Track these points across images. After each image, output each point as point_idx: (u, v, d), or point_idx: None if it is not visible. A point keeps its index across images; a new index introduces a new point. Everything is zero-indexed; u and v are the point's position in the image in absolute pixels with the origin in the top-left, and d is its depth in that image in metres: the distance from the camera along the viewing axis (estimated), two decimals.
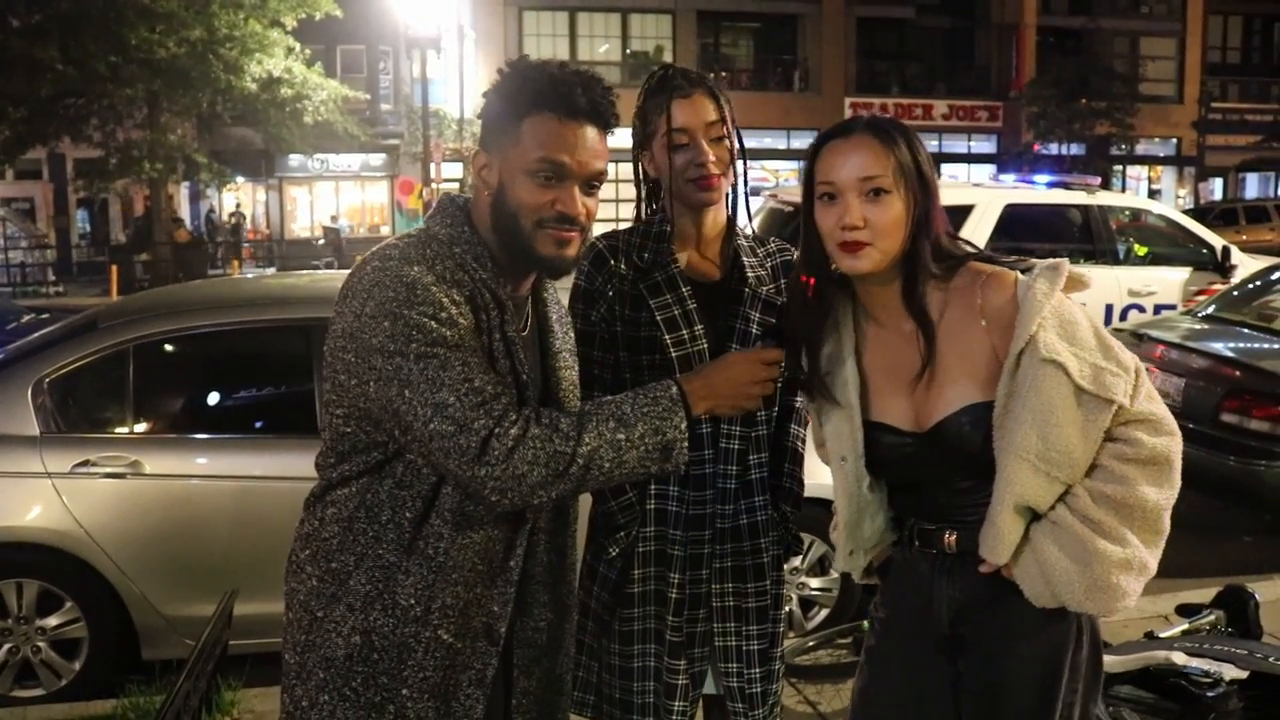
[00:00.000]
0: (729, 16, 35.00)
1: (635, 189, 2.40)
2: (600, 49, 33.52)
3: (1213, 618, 3.73)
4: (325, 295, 4.43)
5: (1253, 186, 41.42)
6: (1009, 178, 12.30)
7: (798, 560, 4.35)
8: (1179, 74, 38.67)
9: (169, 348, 4.46)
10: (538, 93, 1.82)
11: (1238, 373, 5.94)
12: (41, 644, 4.16)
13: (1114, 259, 9.11)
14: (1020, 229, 8.80)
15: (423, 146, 24.89)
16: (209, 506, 4.18)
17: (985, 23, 37.12)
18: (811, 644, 4.21)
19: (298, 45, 22.01)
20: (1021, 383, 1.84)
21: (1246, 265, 8.95)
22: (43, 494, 4.07)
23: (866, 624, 2.25)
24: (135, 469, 4.11)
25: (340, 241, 28.93)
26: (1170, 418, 1.93)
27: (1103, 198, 9.45)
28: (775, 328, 2.08)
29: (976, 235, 8.28)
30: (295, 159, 30.04)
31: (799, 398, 2.37)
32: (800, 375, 2.06)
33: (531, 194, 1.82)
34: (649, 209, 2.40)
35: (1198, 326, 6.83)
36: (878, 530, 2.12)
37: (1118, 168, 37.14)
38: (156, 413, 4.45)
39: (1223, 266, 9.01)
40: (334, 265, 24.65)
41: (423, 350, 1.71)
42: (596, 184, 1.88)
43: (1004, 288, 1.89)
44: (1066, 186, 9.54)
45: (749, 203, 2.47)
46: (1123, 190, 33.55)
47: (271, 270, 26.43)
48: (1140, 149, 36.88)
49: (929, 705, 2.04)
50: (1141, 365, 1.93)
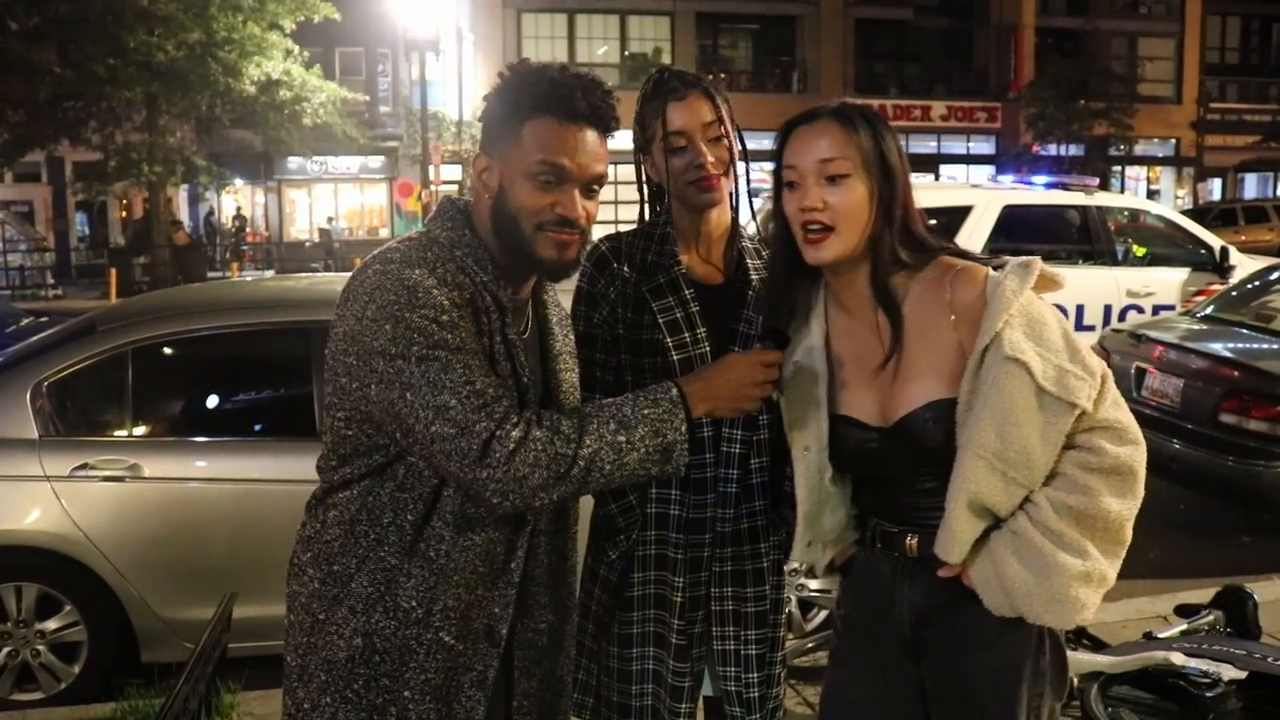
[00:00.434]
0: (727, 18, 35.03)
1: (638, 193, 2.40)
2: (599, 51, 33.55)
3: (1211, 618, 3.73)
4: (324, 298, 4.43)
5: (1251, 187, 41.45)
6: (1007, 179, 12.34)
7: (797, 562, 4.34)
8: (1177, 75, 38.71)
9: (168, 351, 4.46)
10: (538, 96, 1.82)
11: (1236, 373, 5.93)
12: (41, 647, 4.15)
13: (1112, 260, 9.12)
14: (1019, 230, 8.80)
15: (421, 149, 24.91)
16: (208, 509, 4.17)
17: (984, 24, 37.16)
18: (810, 645, 4.21)
19: (296, 48, 22.03)
20: (984, 380, 1.82)
21: (1245, 266, 8.96)
22: (42, 497, 4.06)
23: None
24: (134, 472, 4.11)
25: (331, 244, 28.94)
26: (1135, 427, 1.90)
27: (1101, 198, 9.46)
28: (772, 329, 2.08)
29: (975, 236, 8.29)
30: (294, 161, 30.05)
31: None
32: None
33: (531, 197, 1.83)
34: (653, 212, 2.39)
35: (1196, 327, 6.83)
36: (838, 525, 2.10)
37: (1116, 168, 37.18)
38: (155, 416, 4.45)
39: (1221, 267, 9.01)
40: (331, 268, 24.67)
41: (424, 353, 1.72)
42: (596, 187, 1.89)
43: (974, 283, 1.88)
44: (1065, 187, 9.54)
45: (752, 204, 2.47)
46: (1121, 191, 33.58)
47: (270, 273, 26.45)
48: (1139, 150, 36.91)
49: (896, 706, 2.04)
50: (1109, 372, 1.91)
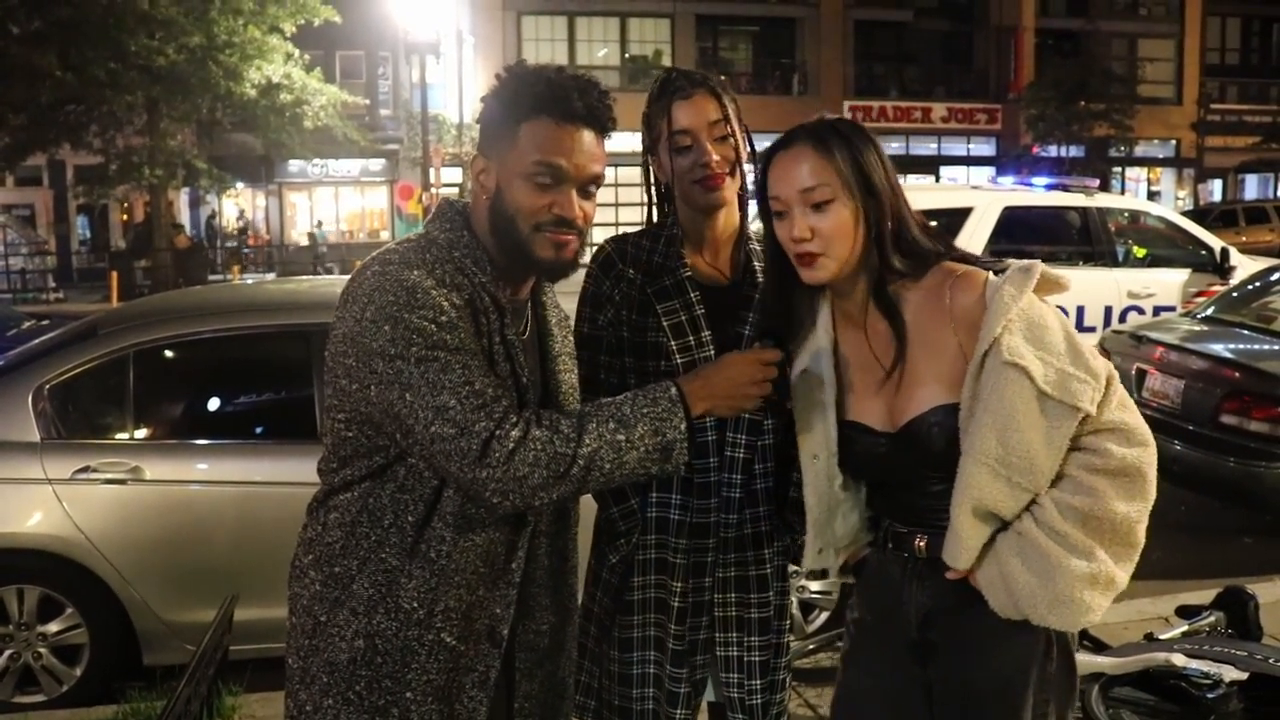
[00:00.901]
0: (727, 20, 35.07)
1: (645, 194, 2.38)
2: (599, 53, 33.58)
3: (1213, 619, 3.73)
4: (325, 300, 4.44)
5: (1252, 188, 41.45)
6: (1008, 180, 12.33)
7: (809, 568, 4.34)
8: (1177, 76, 38.73)
9: (169, 354, 4.46)
10: (535, 97, 1.83)
11: (1237, 374, 5.93)
12: (43, 650, 4.15)
13: (1113, 261, 9.11)
14: (1019, 231, 8.80)
15: (422, 151, 24.93)
16: (209, 512, 4.18)
17: (984, 25, 37.18)
18: (812, 647, 4.20)
19: (297, 51, 22.04)
20: (985, 385, 1.81)
21: (1246, 267, 8.95)
22: (43, 500, 4.07)
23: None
24: (136, 475, 4.11)
25: (317, 248, 28.93)
26: (1144, 428, 1.89)
27: (1101, 200, 9.45)
28: (771, 329, 2.07)
29: (975, 237, 8.29)
30: (295, 165, 30.08)
31: None
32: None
33: (529, 197, 1.83)
34: (660, 214, 2.37)
35: (1197, 328, 6.83)
36: (851, 529, 2.10)
37: (1117, 169, 37.19)
38: (157, 418, 4.45)
39: (1222, 268, 9.00)
40: (318, 273, 24.68)
41: (423, 354, 1.72)
42: (593, 188, 1.89)
43: (973, 288, 1.87)
44: (1065, 189, 9.54)
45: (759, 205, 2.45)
46: (1122, 192, 33.59)
47: (271, 276, 26.45)
48: (1139, 151, 36.93)
49: (903, 707, 2.03)
50: (1115, 373, 1.90)
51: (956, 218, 8.45)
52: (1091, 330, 8.32)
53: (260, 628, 3.99)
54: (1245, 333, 6.57)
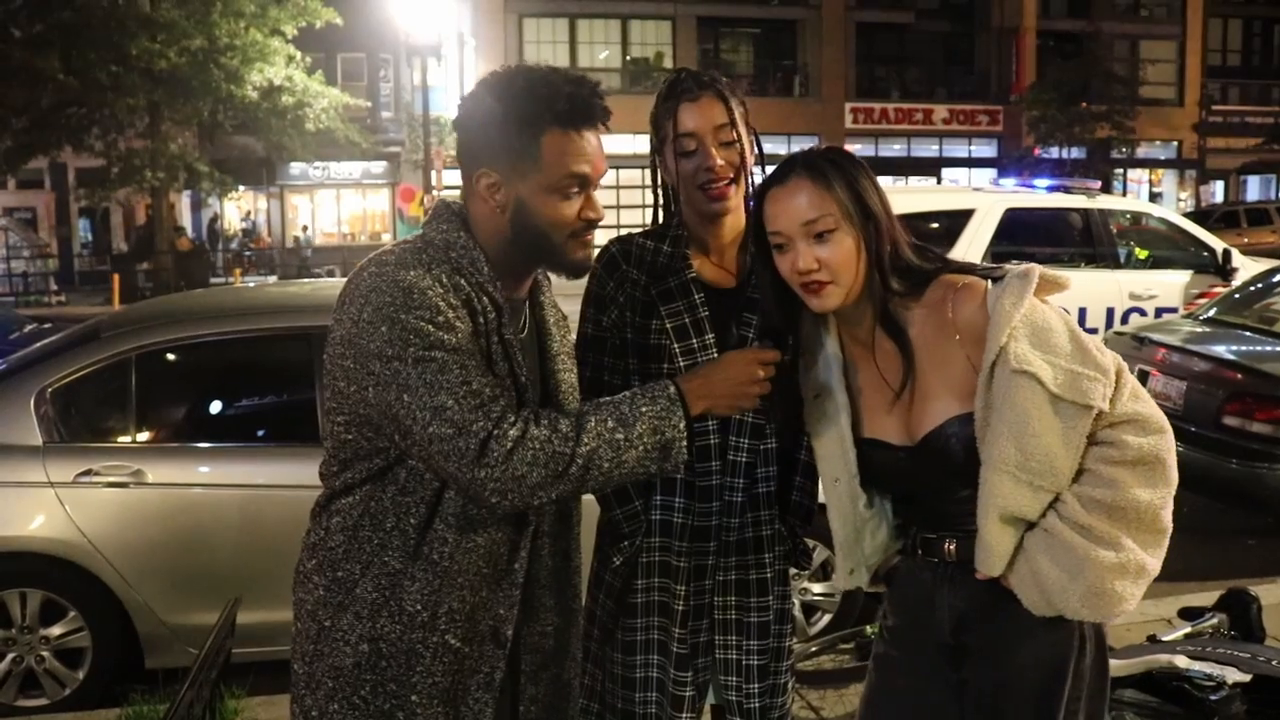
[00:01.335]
0: (728, 22, 35.08)
1: (653, 195, 2.38)
2: (600, 55, 33.59)
3: (1215, 621, 3.72)
4: (327, 303, 4.40)
5: (1254, 189, 41.44)
6: (1009, 182, 12.32)
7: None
8: (1179, 77, 38.73)
9: (171, 357, 4.47)
10: (556, 113, 1.83)
11: (1239, 376, 5.93)
12: (45, 653, 4.16)
13: (1115, 262, 9.10)
14: (1021, 233, 8.80)
15: (424, 154, 24.92)
16: (211, 515, 4.18)
17: (985, 27, 37.19)
18: (814, 650, 4.20)
19: (298, 54, 22.05)
20: (997, 395, 1.83)
21: (1248, 268, 8.94)
22: (46, 503, 4.07)
23: (875, 630, 2.25)
24: (138, 478, 4.11)
25: (302, 250, 28.92)
26: (1158, 415, 1.90)
27: (1103, 201, 9.43)
28: (771, 329, 2.07)
29: (977, 240, 8.28)
30: (296, 167, 30.10)
31: None
32: (796, 379, 2.06)
33: (561, 210, 1.85)
34: (667, 214, 2.35)
35: (1199, 330, 6.83)
36: (879, 545, 2.12)
37: (1118, 171, 37.18)
38: (159, 422, 4.46)
39: (1224, 269, 8.99)
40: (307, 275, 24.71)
41: (420, 354, 1.72)
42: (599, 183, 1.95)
43: (974, 298, 1.89)
44: (1067, 190, 9.53)
45: None
46: (1123, 194, 33.60)
47: (273, 279, 26.46)
48: (1141, 152, 36.94)
49: (933, 713, 2.04)
50: (1124, 364, 1.91)
51: (958, 220, 8.45)
52: (1093, 332, 8.31)
53: (263, 630, 3.99)
54: (1247, 334, 6.57)
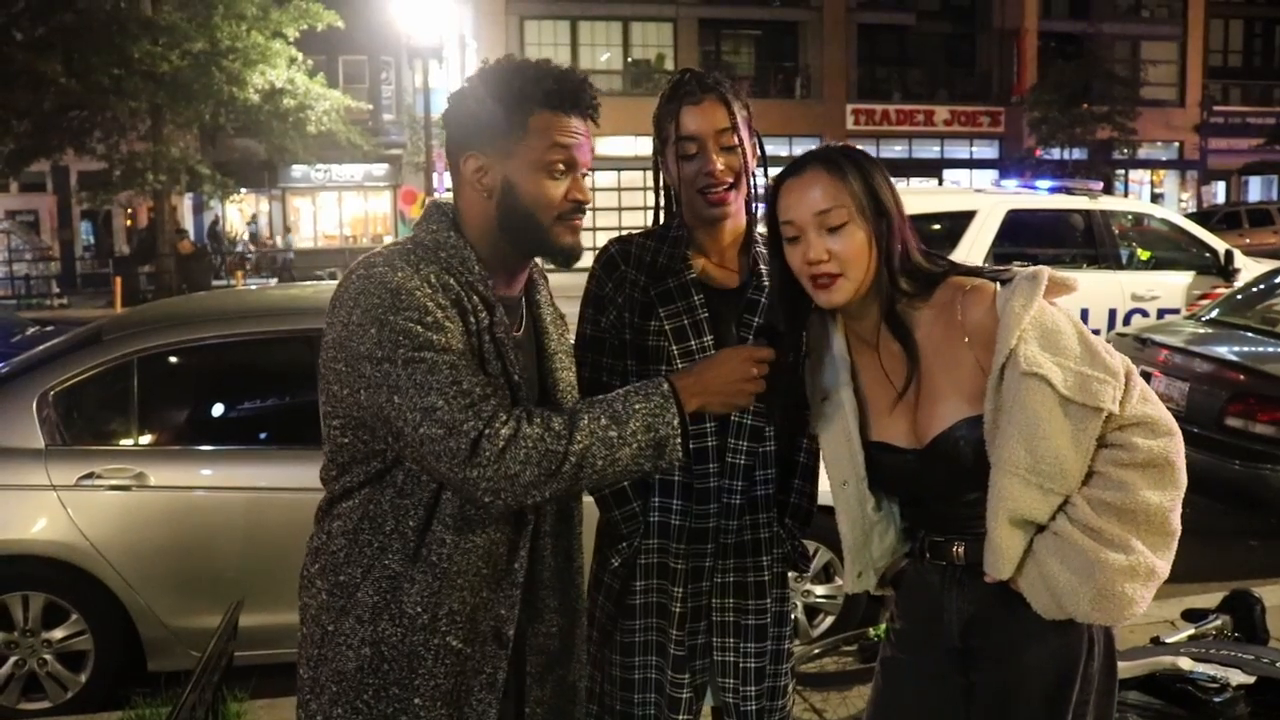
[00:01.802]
0: (730, 24, 35.08)
1: (654, 196, 2.37)
2: (601, 57, 33.60)
3: (1219, 623, 3.72)
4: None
5: (1255, 190, 41.42)
6: (1011, 183, 12.32)
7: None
8: (1180, 78, 38.72)
9: (173, 360, 4.47)
10: (546, 93, 1.84)
11: (1242, 377, 5.93)
12: (47, 656, 4.15)
13: (1117, 263, 9.11)
14: (1023, 234, 8.81)
15: (425, 156, 24.92)
16: (214, 518, 4.18)
17: (986, 28, 37.19)
18: (817, 651, 4.20)
19: (300, 56, 22.06)
20: (1006, 397, 1.83)
21: (1250, 269, 8.94)
22: (48, 506, 4.07)
23: (882, 632, 2.25)
24: (140, 481, 4.11)
25: (279, 254, 28.93)
26: (1168, 417, 1.91)
27: (1105, 202, 9.44)
28: (766, 327, 2.07)
29: (979, 241, 8.28)
30: (298, 170, 30.11)
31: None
32: (790, 383, 2.05)
33: (547, 189, 1.86)
34: (669, 215, 2.35)
35: (1201, 331, 6.82)
36: (887, 548, 2.12)
37: (1120, 172, 37.16)
38: (161, 425, 4.45)
39: (1226, 270, 8.99)
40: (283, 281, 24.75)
41: (410, 355, 1.72)
42: (587, 171, 1.95)
43: (983, 301, 1.89)
44: (1069, 191, 9.53)
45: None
46: (1125, 194, 33.59)
47: (274, 281, 26.48)
48: (1142, 153, 36.92)
49: (942, 716, 2.04)
50: (1133, 367, 1.91)
51: (960, 221, 8.45)
52: (1096, 333, 8.29)
53: (265, 633, 3.99)
54: (1250, 335, 6.56)
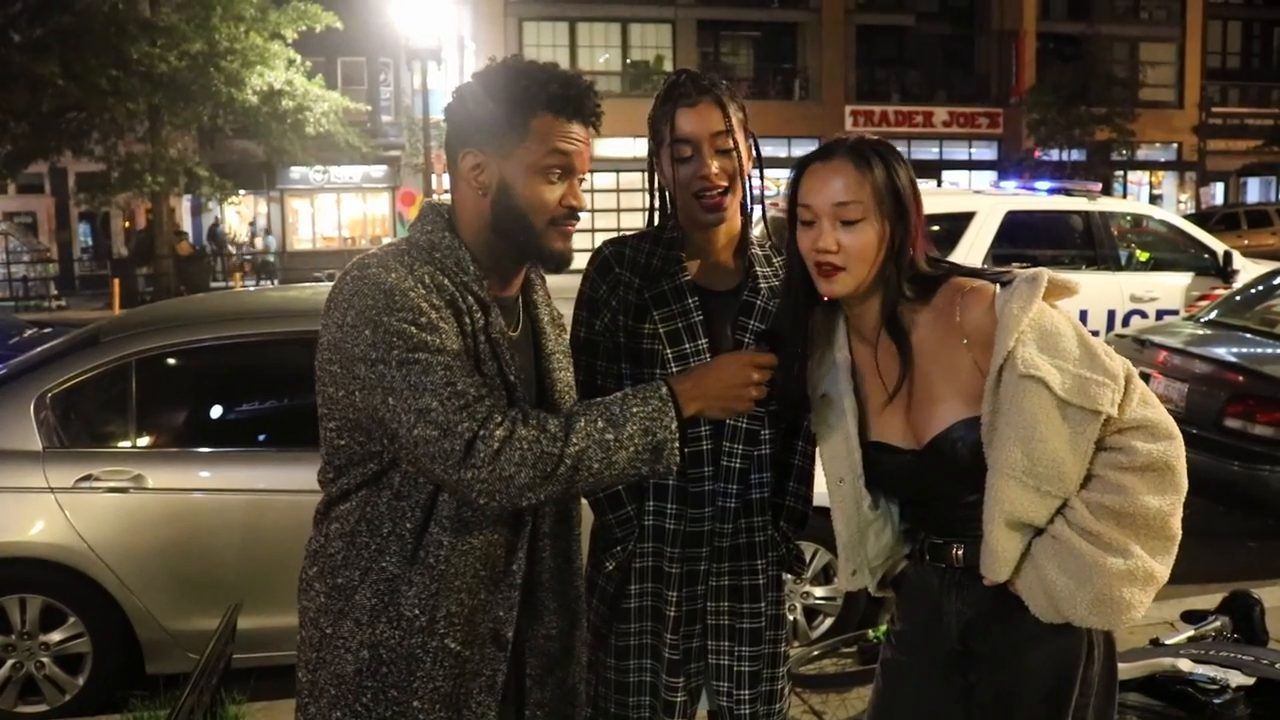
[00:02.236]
0: (729, 25, 35.05)
1: (649, 197, 2.36)
2: (600, 59, 33.58)
3: (1218, 624, 3.72)
4: None
5: (1254, 191, 41.43)
6: (1010, 184, 12.32)
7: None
8: (1179, 79, 38.70)
9: (171, 362, 4.46)
10: (550, 96, 1.84)
11: (1241, 378, 5.93)
12: (45, 659, 4.15)
13: (1116, 265, 9.12)
14: (1022, 236, 8.81)
15: (424, 157, 24.91)
16: (212, 520, 4.17)
17: (985, 29, 37.17)
18: (816, 653, 4.20)
19: (298, 58, 22.06)
20: (1004, 399, 1.82)
21: (1248, 270, 8.95)
22: (46, 509, 4.06)
23: (881, 633, 2.24)
24: (138, 483, 4.10)
25: (266, 258, 28.92)
26: (1168, 421, 1.90)
27: (1104, 203, 9.46)
28: (767, 332, 2.06)
29: (978, 242, 8.29)
30: (297, 171, 30.12)
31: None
32: (792, 386, 2.05)
33: (542, 192, 1.85)
34: (664, 217, 2.34)
35: (1200, 332, 6.82)
36: (883, 548, 2.11)
37: (1118, 173, 37.16)
38: (159, 427, 4.45)
39: (1225, 271, 9.00)
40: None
41: (404, 356, 1.71)
42: (584, 178, 1.94)
43: (982, 302, 1.88)
44: (1067, 193, 9.54)
45: (763, 210, 2.44)
46: (1124, 196, 33.56)
47: (258, 284, 26.49)
48: (1141, 154, 36.90)
49: (941, 718, 2.03)
50: (1133, 370, 1.90)
51: (959, 222, 8.46)
52: (1095, 334, 8.30)
53: (263, 636, 3.99)
54: (1249, 336, 6.57)
